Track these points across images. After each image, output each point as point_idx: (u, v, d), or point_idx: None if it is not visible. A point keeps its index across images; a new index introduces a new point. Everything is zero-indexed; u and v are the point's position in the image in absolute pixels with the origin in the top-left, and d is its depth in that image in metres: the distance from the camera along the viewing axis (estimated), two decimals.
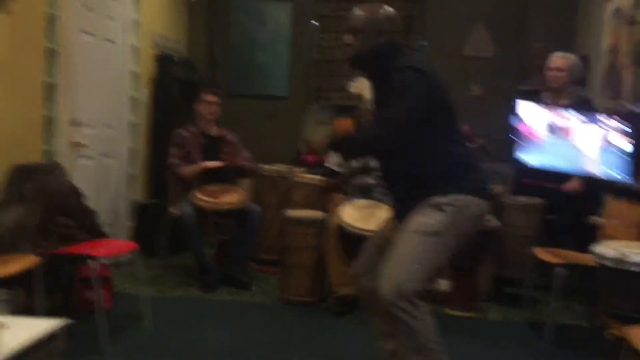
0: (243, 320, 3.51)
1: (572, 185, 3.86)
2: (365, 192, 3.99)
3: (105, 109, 4.33)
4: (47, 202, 3.07)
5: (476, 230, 2.37)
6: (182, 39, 5.73)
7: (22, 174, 3.06)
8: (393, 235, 2.31)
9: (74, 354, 2.08)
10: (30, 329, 1.91)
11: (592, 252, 2.87)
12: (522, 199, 3.96)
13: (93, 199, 3.94)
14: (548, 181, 3.88)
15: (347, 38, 2.37)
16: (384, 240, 2.40)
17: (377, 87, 2.40)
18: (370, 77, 2.45)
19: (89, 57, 4.02)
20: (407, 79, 2.20)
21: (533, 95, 4.51)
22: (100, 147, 4.27)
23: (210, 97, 4.29)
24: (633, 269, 2.65)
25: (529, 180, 3.93)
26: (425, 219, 2.18)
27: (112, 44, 4.37)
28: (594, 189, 4.11)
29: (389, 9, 2.41)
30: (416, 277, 2.13)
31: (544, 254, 3.41)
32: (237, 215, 4.08)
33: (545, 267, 3.74)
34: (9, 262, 2.64)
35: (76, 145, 3.85)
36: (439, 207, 2.19)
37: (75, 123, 3.85)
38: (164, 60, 5.13)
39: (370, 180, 4.00)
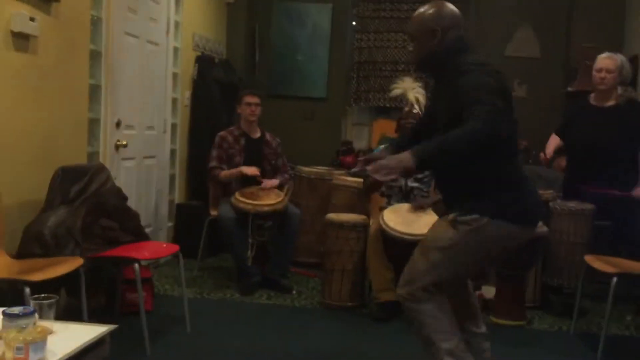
0: (282, 324, 3.48)
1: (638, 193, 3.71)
2: (406, 196, 3.91)
3: (147, 110, 4.35)
4: (92, 205, 3.07)
5: (504, 249, 2.38)
6: (222, 40, 5.75)
7: (67, 176, 3.07)
8: None
9: (117, 355, 2.07)
10: (77, 334, 1.89)
11: None
12: (572, 204, 3.82)
13: (135, 200, 3.97)
14: (612, 188, 3.73)
15: (410, 45, 2.41)
16: None
17: (442, 87, 2.34)
18: (437, 79, 2.43)
19: (132, 59, 4.04)
20: (486, 78, 2.15)
21: (580, 97, 4.39)
22: (142, 148, 4.29)
23: (251, 98, 4.27)
24: None
25: (590, 188, 3.78)
26: (438, 234, 2.32)
27: (154, 45, 4.39)
28: None
29: (442, 6, 2.35)
30: (423, 282, 2.28)
31: (597, 262, 3.28)
32: (277, 217, 4.05)
33: (594, 275, 3.62)
34: (54, 264, 2.65)
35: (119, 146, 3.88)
36: (455, 225, 2.25)
37: (118, 125, 3.87)
38: (204, 62, 5.14)
39: (411, 183, 3.92)
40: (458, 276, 2.41)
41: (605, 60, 3.92)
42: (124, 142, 3.92)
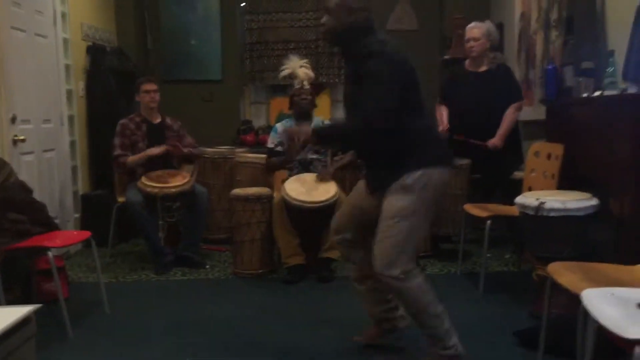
0: (200, 296, 3.67)
1: (492, 142, 4.17)
2: (306, 167, 4.18)
3: (42, 103, 4.34)
4: None
5: (443, 194, 2.64)
6: (112, 28, 5.73)
7: None
8: (367, 200, 2.61)
9: (40, 341, 2.19)
10: (3, 315, 2.02)
11: (515, 203, 3.19)
12: None
13: (38, 194, 3.96)
14: (473, 138, 4.17)
15: (323, 18, 2.59)
16: (360, 201, 2.68)
17: (350, 66, 2.58)
18: (344, 54, 2.63)
19: (21, 53, 4.02)
20: (380, 65, 2.37)
21: (455, 64, 4.83)
22: (41, 142, 4.29)
23: (149, 86, 4.37)
24: (551, 214, 2.97)
25: (459, 136, 4.22)
26: (400, 203, 2.43)
27: (43, 38, 4.37)
28: (516, 147, 4.49)
29: None
30: (404, 255, 2.43)
31: (474, 209, 3.72)
32: (185, 197, 4.20)
33: (477, 223, 4.08)
34: None
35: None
36: (407, 189, 2.43)
37: (14, 120, 3.86)
38: (96, 51, 5.15)
39: (310, 155, 4.19)
40: (426, 232, 2.64)
41: (472, 30, 4.34)
42: (22, 137, 3.92)
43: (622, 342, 1.57)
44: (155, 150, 4.24)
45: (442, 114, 4.46)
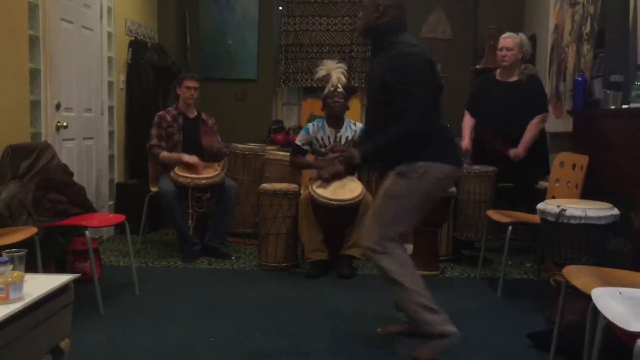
0: (224, 284, 3.81)
1: (515, 152, 4.23)
2: None
3: (84, 93, 4.54)
4: (40, 180, 3.30)
5: (443, 190, 2.81)
6: (154, 25, 5.95)
7: (16, 153, 3.28)
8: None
9: (73, 316, 2.34)
10: (46, 281, 2.17)
11: (537, 210, 3.25)
12: (477, 167, 4.32)
13: (77, 179, 4.13)
14: (497, 139, 4.24)
15: (360, 12, 2.79)
16: None
17: (379, 60, 2.71)
18: (374, 49, 2.79)
19: (68, 43, 4.22)
20: (418, 65, 2.56)
21: (486, 74, 4.89)
22: (82, 129, 4.49)
23: (191, 82, 4.54)
24: (571, 221, 3.02)
25: (484, 130, 4.29)
26: (391, 185, 2.64)
27: (89, 30, 4.58)
28: (543, 158, 4.54)
29: None
30: (387, 232, 2.60)
31: (496, 215, 3.78)
32: (215, 190, 4.35)
33: (499, 230, 4.14)
34: (10, 233, 2.87)
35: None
36: (402, 175, 2.61)
37: (58, 107, 4.06)
38: (137, 46, 5.35)
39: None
40: (415, 221, 2.73)
41: (505, 39, 4.41)
42: (64, 124, 4.12)
43: (626, 336, 1.64)
44: (189, 159, 4.37)
45: (467, 126, 4.53)
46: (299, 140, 4.35)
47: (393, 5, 2.70)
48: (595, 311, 1.87)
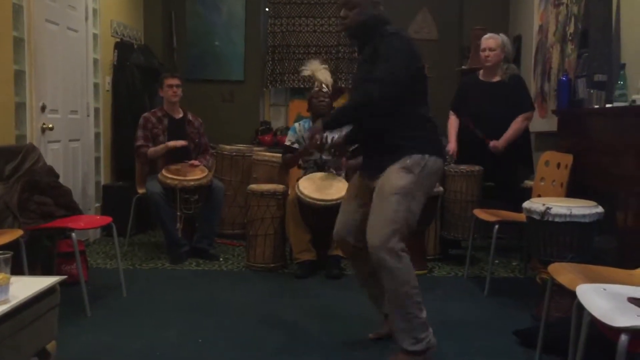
0: (212, 285, 3.80)
1: (495, 143, 4.26)
2: (320, 167, 4.30)
3: (70, 95, 4.51)
4: (26, 182, 3.28)
5: (436, 183, 2.77)
6: (140, 26, 5.92)
7: (1, 155, 3.27)
8: (367, 192, 2.66)
9: (59, 319, 2.33)
10: (31, 284, 2.16)
11: (523, 208, 3.27)
12: (463, 166, 4.35)
13: (62, 181, 4.11)
14: (479, 129, 4.29)
15: (344, 12, 2.72)
16: (358, 199, 2.76)
17: (366, 51, 2.69)
18: (362, 45, 2.76)
19: (53, 45, 4.20)
20: (398, 42, 2.56)
21: (471, 73, 4.93)
22: (67, 131, 4.46)
23: (172, 80, 4.52)
24: (556, 219, 3.05)
25: (468, 123, 4.33)
26: (399, 182, 2.50)
27: (74, 32, 4.55)
28: (527, 157, 4.58)
29: None
30: (399, 233, 2.46)
31: (483, 214, 3.81)
32: (203, 191, 4.34)
33: (486, 229, 4.16)
34: None
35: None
36: (407, 170, 2.52)
37: (44, 109, 4.04)
38: (123, 47, 5.33)
39: (324, 155, 4.30)
40: (417, 217, 2.56)
41: (488, 40, 4.45)
42: (50, 125, 4.09)
43: (610, 331, 1.66)
44: (176, 143, 4.38)
45: (452, 128, 4.55)
46: (287, 140, 4.36)
47: (380, 1, 2.74)
48: (580, 308, 1.89)
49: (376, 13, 2.69)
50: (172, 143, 4.39)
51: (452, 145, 4.48)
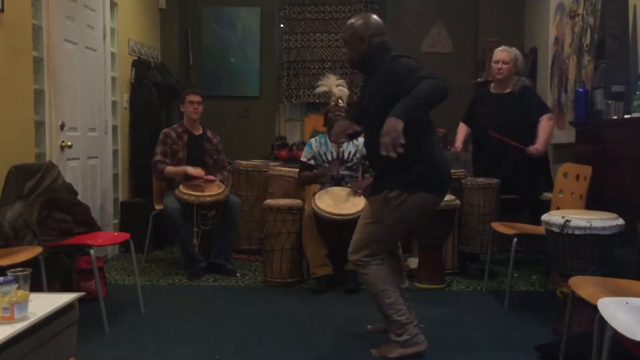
0: (230, 301, 3.79)
1: (535, 147, 4.21)
2: (338, 182, 4.29)
3: (88, 113, 4.57)
4: (45, 199, 3.31)
5: (423, 215, 2.92)
6: (157, 44, 6.00)
7: (21, 173, 3.30)
8: None
9: (79, 334, 2.34)
10: (50, 300, 2.18)
11: (542, 221, 3.23)
12: (480, 179, 4.32)
13: (81, 198, 4.16)
14: (513, 140, 4.22)
15: (344, 48, 2.97)
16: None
17: (374, 79, 2.80)
18: (367, 75, 2.92)
19: (72, 64, 4.26)
20: (407, 59, 2.68)
21: (484, 86, 4.93)
22: (86, 149, 4.52)
23: (194, 97, 4.56)
24: (576, 232, 3.01)
25: (495, 135, 4.27)
26: (376, 210, 2.83)
27: (92, 51, 4.62)
28: (546, 169, 4.54)
29: (368, 17, 2.87)
30: (367, 249, 2.83)
31: (501, 227, 3.77)
32: (219, 207, 4.35)
33: (504, 243, 4.12)
34: (15, 253, 2.88)
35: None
36: (387, 202, 2.77)
37: (62, 127, 4.09)
38: (140, 65, 5.39)
39: (342, 171, 4.31)
40: (394, 240, 3.00)
41: (501, 52, 4.45)
42: (69, 143, 4.15)
43: (633, 345, 1.63)
44: (193, 171, 4.39)
45: (460, 133, 4.63)
46: (304, 156, 4.37)
47: (375, 33, 2.82)
48: (602, 322, 1.86)
49: (369, 47, 2.78)
50: (191, 170, 4.40)
51: (458, 144, 4.57)
